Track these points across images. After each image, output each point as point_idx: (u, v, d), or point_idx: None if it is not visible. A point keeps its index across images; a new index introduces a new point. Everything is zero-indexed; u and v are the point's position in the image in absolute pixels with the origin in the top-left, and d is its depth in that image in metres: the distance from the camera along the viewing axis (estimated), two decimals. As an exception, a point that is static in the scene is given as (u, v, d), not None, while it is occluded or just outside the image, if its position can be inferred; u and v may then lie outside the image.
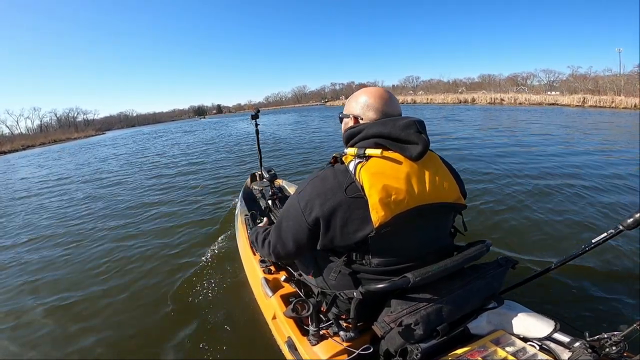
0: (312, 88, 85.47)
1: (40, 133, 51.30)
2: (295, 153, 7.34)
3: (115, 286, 2.21)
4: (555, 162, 4.72)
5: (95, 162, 10.56)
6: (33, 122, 63.05)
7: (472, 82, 42.24)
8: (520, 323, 0.86)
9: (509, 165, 4.65)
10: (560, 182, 3.65)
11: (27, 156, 19.48)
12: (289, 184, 2.72)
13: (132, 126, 75.53)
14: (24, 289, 2.33)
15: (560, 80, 32.85)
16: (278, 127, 15.92)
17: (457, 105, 26.86)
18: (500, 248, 2.19)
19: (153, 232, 3.13)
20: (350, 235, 0.80)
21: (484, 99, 27.50)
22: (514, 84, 35.99)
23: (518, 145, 6.41)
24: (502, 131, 8.84)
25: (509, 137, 7.66)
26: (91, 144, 23.34)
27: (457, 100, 29.35)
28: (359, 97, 0.91)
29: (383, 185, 0.75)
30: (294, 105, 76.06)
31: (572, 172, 4.09)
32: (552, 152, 5.49)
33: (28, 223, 4.09)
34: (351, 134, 0.87)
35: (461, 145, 6.75)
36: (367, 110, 0.88)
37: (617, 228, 0.83)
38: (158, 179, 5.98)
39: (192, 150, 10.48)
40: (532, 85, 34.74)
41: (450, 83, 45.57)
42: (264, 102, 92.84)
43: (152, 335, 1.67)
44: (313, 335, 0.95)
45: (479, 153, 5.69)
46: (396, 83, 61.41)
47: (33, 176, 8.98)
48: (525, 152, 5.67)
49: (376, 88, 0.92)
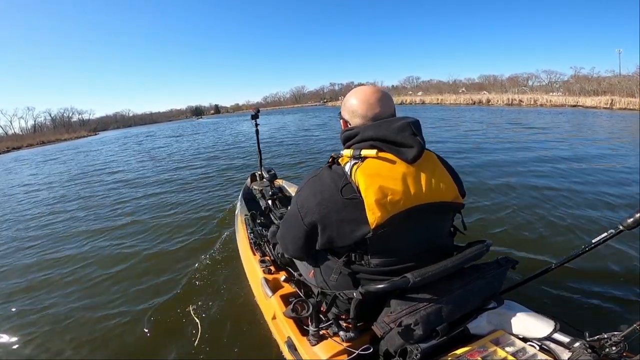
0: (311, 88, 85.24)
1: (34, 133, 50.52)
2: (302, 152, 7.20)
3: (115, 286, 2.21)
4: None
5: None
6: (27, 122, 61.96)
7: (472, 83, 42.12)
8: (520, 323, 0.86)
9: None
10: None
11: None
12: (289, 184, 2.72)
13: (129, 126, 74.38)
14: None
15: (561, 81, 32.75)
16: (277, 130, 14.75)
17: (471, 106, 24.58)
18: (501, 248, 2.19)
19: (153, 232, 3.13)
20: (348, 235, 0.80)
21: (500, 100, 25.30)
22: (515, 84, 35.79)
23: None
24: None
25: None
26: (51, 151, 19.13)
27: (471, 101, 27.46)
28: (348, 101, 0.91)
29: (379, 186, 0.75)
30: (292, 105, 75.56)
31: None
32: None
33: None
34: (348, 136, 0.88)
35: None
36: (353, 115, 0.89)
37: (617, 228, 0.83)
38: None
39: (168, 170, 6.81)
40: (534, 86, 34.58)
41: (450, 83, 45.50)
42: (262, 102, 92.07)
43: (152, 335, 1.67)
44: (313, 335, 0.95)
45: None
46: (396, 83, 61.37)
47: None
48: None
49: (365, 90, 0.90)
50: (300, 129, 13.98)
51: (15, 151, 28.17)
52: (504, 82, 37.86)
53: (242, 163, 6.82)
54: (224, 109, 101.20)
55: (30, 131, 57.01)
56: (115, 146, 16.16)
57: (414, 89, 51.31)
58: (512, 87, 34.10)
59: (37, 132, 54.18)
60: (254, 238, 1.65)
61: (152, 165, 7.94)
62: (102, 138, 30.40)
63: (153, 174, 6.62)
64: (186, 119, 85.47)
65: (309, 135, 11.10)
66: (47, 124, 63.65)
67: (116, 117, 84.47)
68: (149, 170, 7.21)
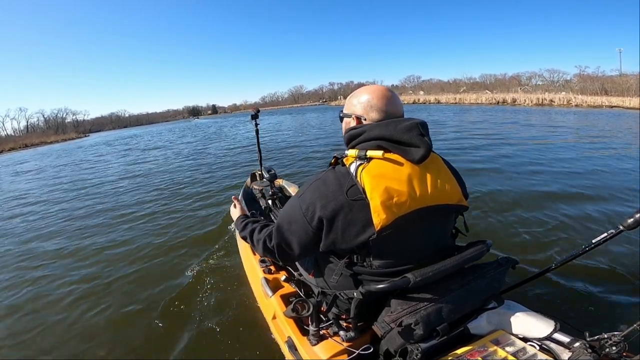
0: (310, 88, 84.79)
1: (27, 134, 49.55)
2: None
3: (115, 287, 2.21)
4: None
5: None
6: (19, 123, 60.94)
7: (474, 82, 41.95)
8: (520, 323, 0.86)
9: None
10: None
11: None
12: (289, 183, 2.72)
13: (125, 127, 73.51)
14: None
15: (563, 80, 32.50)
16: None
17: (493, 106, 21.72)
18: (501, 248, 2.19)
19: (153, 233, 3.13)
20: (352, 238, 0.79)
21: (527, 100, 22.17)
22: (517, 83, 35.47)
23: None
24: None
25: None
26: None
27: (494, 100, 24.63)
28: (360, 96, 0.88)
29: (385, 188, 0.74)
30: (291, 105, 74.99)
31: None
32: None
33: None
34: (352, 136, 0.86)
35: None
36: (370, 110, 0.86)
37: (617, 228, 0.83)
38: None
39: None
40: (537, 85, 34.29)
41: (450, 83, 45.43)
42: (260, 102, 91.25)
43: (152, 335, 1.67)
44: (313, 335, 0.95)
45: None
46: (397, 82, 61.16)
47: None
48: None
49: (378, 86, 0.89)
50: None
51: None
52: (506, 81, 37.65)
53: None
54: (222, 109, 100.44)
55: (23, 132, 56.19)
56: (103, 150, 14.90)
57: (414, 88, 51.18)
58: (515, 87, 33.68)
59: (29, 133, 53.30)
60: None
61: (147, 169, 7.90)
62: (86, 141, 28.39)
63: (151, 175, 6.62)
64: (183, 119, 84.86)
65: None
66: (41, 125, 62.67)
67: (111, 118, 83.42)
68: (145, 174, 7.20)
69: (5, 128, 57.32)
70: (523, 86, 33.61)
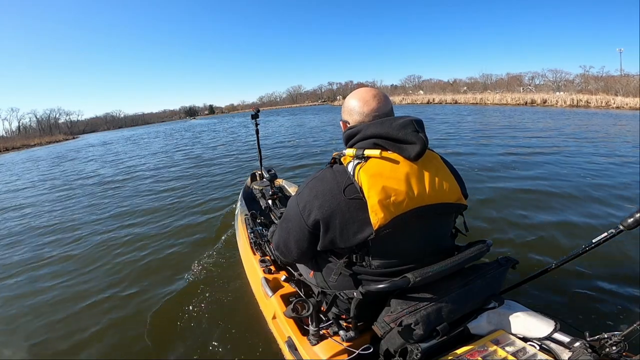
0: (308, 88, 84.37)
1: (19, 135, 48.28)
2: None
3: (113, 288, 2.21)
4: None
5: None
6: (11, 123, 59.25)
7: (475, 82, 41.85)
8: (520, 323, 0.86)
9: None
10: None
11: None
12: (289, 183, 2.72)
13: (120, 127, 72.38)
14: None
15: (566, 80, 32.29)
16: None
17: (521, 106, 20.30)
18: (501, 248, 2.19)
19: (153, 232, 3.13)
20: (350, 237, 0.79)
21: (561, 101, 20.34)
22: (519, 83, 35.28)
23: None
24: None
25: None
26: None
27: (522, 101, 22.70)
28: (347, 103, 0.94)
29: (382, 187, 0.75)
30: (290, 105, 74.58)
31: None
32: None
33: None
34: (349, 135, 0.88)
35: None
36: (352, 114, 0.91)
37: (617, 228, 0.83)
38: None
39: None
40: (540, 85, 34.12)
41: (451, 83, 45.39)
42: (258, 102, 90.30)
43: (151, 335, 1.67)
44: (313, 335, 0.95)
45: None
46: (397, 82, 61.10)
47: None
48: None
49: (360, 90, 0.93)
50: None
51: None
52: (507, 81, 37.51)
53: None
54: (219, 110, 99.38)
55: (14, 133, 54.85)
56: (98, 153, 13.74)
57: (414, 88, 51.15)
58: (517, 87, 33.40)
59: (21, 134, 52.11)
60: (254, 238, 1.65)
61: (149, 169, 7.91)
62: (70, 144, 26.51)
63: (151, 175, 6.62)
64: (180, 119, 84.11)
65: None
66: (33, 126, 61.27)
67: (106, 119, 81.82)
68: (145, 172, 7.20)
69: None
70: (525, 86, 33.45)
